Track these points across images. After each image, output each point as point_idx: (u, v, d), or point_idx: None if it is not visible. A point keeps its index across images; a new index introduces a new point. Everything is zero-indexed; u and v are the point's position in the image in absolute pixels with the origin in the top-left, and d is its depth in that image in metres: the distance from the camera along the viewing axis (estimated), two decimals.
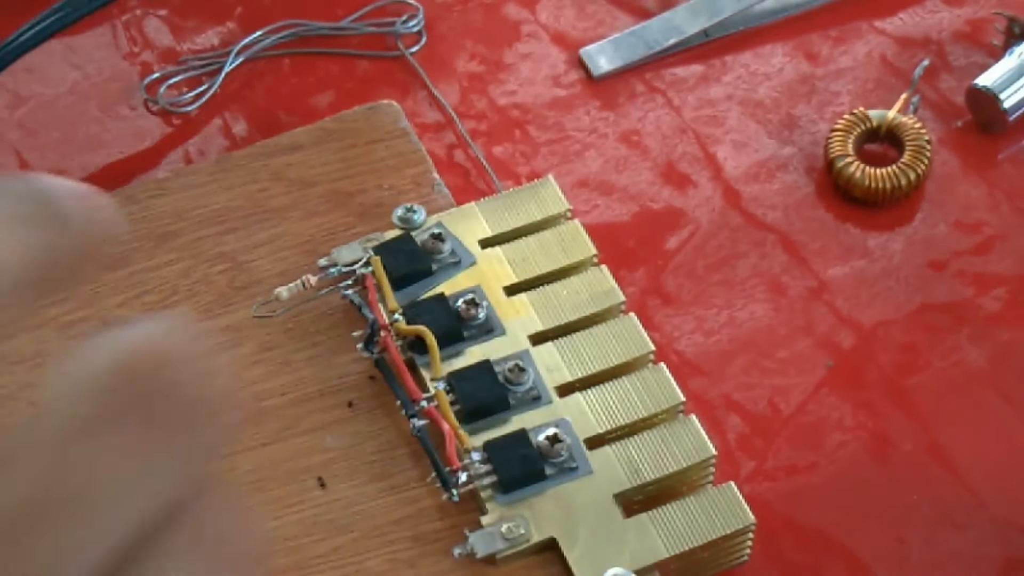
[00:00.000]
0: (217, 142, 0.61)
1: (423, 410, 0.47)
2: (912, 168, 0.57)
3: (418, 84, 0.62)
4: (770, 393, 0.52)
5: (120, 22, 0.64)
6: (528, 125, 0.60)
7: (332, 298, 0.51)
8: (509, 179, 0.58)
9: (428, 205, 0.53)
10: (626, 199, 0.58)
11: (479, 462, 0.46)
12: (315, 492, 0.47)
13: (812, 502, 0.49)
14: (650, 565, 0.44)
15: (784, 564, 0.48)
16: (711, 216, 0.57)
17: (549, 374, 0.48)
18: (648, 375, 0.48)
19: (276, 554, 0.46)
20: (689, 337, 0.54)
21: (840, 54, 0.62)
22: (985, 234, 0.56)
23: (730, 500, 0.46)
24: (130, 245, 0.53)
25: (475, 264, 0.51)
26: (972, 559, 0.48)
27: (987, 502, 0.49)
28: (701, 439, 0.47)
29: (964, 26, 0.62)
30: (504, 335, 0.49)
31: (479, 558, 0.45)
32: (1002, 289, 0.54)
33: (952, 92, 0.60)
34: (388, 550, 0.46)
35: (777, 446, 0.51)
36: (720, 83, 0.61)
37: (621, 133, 0.60)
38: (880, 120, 0.58)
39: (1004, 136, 0.59)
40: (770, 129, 0.60)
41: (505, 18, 0.64)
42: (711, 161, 0.59)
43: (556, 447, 0.46)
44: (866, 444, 0.51)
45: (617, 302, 0.50)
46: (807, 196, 0.58)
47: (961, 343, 0.53)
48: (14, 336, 0.51)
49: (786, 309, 0.54)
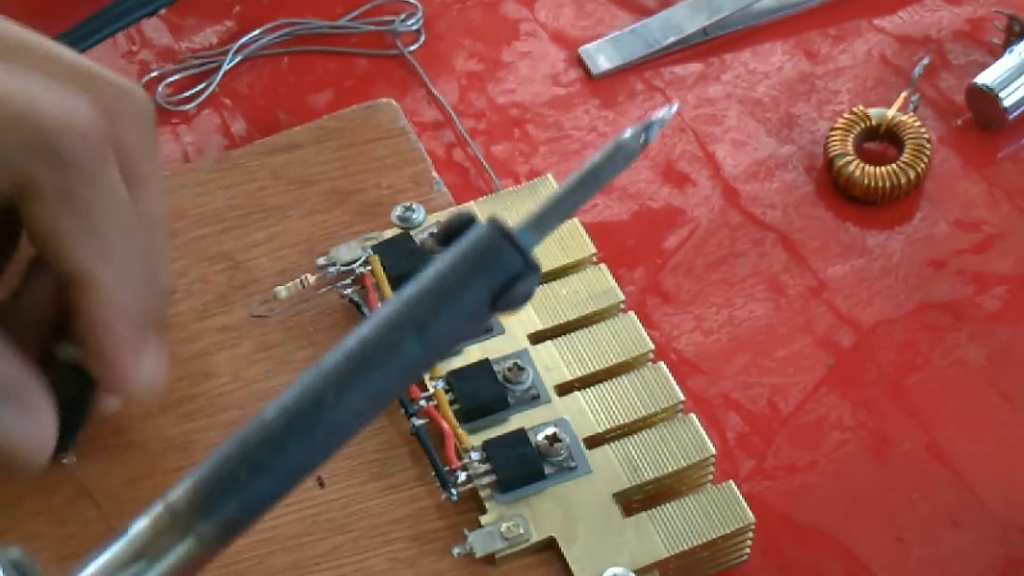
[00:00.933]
0: (215, 141, 0.61)
1: (422, 409, 0.47)
2: (912, 167, 0.57)
3: (417, 83, 0.62)
4: (769, 392, 0.52)
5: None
6: (527, 124, 0.60)
7: (331, 297, 0.51)
8: (508, 178, 0.58)
9: (427, 204, 0.53)
10: (625, 198, 0.58)
11: (478, 461, 0.46)
12: (314, 491, 0.47)
13: (811, 501, 0.49)
14: (649, 564, 0.44)
15: (783, 563, 0.48)
16: (710, 215, 0.57)
17: (548, 373, 0.48)
18: (647, 374, 0.48)
19: (275, 554, 0.46)
20: (688, 336, 0.54)
21: (840, 52, 0.62)
22: (985, 233, 0.56)
23: (729, 499, 0.45)
24: None
25: None
26: (971, 558, 0.48)
27: (986, 501, 0.49)
28: (700, 438, 0.47)
29: (964, 24, 0.62)
30: (503, 334, 0.49)
31: (478, 557, 0.45)
32: (1002, 288, 0.54)
33: (952, 91, 0.60)
34: (387, 549, 0.46)
35: (776, 445, 0.51)
36: (719, 82, 0.61)
37: (620, 132, 0.60)
38: (880, 119, 0.58)
39: (1004, 135, 0.59)
40: (769, 128, 0.60)
41: (504, 17, 0.64)
42: (710, 160, 0.59)
43: (555, 446, 0.46)
44: (866, 443, 0.51)
45: (616, 301, 0.50)
46: (806, 195, 0.58)
47: (961, 342, 0.53)
48: None
49: (785, 308, 0.54)
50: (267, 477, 0.31)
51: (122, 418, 0.48)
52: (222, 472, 0.32)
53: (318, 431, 0.32)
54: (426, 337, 0.32)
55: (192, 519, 0.32)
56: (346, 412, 0.32)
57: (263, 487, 0.32)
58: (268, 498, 0.32)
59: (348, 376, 0.32)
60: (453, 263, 0.33)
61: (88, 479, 0.47)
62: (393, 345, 0.32)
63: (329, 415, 0.32)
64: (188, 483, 0.32)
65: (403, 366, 0.33)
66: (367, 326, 0.33)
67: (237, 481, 0.32)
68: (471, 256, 0.33)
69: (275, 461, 0.31)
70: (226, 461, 0.32)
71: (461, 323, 0.33)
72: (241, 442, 0.32)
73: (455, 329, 0.33)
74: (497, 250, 0.33)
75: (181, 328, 0.51)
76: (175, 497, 0.32)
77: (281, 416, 0.32)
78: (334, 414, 0.32)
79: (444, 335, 0.33)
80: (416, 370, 0.33)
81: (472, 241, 0.33)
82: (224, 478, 0.32)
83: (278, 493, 0.32)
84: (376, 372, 0.32)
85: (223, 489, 0.32)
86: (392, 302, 0.33)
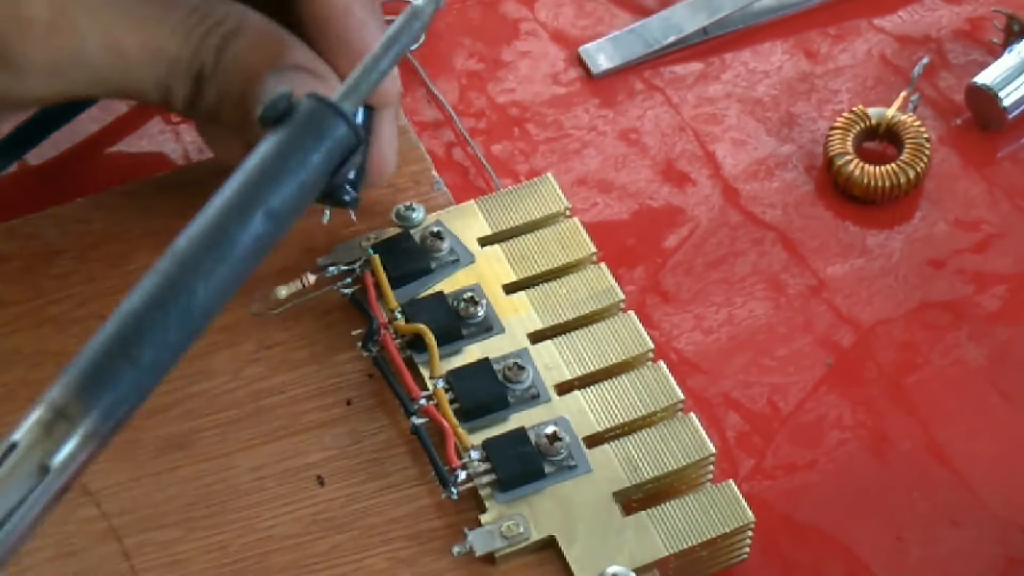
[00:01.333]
0: None
1: (422, 408, 0.47)
2: (911, 166, 0.57)
3: (417, 82, 0.62)
4: (769, 391, 0.52)
5: None
6: (527, 123, 0.60)
7: (331, 296, 0.51)
8: (508, 177, 0.58)
9: (427, 203, 0.53)
10: (625, 197, 0.58)
11: (478, 460, 0.46)
12: (314, 490, 0.47)
13: (811, 500, 0.49)
14: (649, 563, 0.44)
15: (783, 562, 0.48)
16: (710, 214, 0.57)
17: (548, 372, 0.48)
18: (647, 373, 0.48)
19: (274, 553, 0.46)
20: (688, 335, 0.54)
21: (839, 52, 0.62)
22: (984, 232, 0.56)
23: (729, 498, 0.46)
24: (130, 244, 0.53)
25: (474, 262, 0.51)
26: (971, 557, 0.48)
27: (986, 500, 0.49)
28: (700, 437, 0.47)
29: (963, 24, 0.62)
30: (503, 333, 0.49)
31: (478, 556, 0.45)
32: (1002, 287, 0.54)
33: (951, 90, 0.60)
34: (387, 548, 0.46)
35: (776, 444, 0.51)
36: (719, 81, 0.61)
37: (620, 131, 0.60)
38: (879, 118, 0.58)
39: (1003, 134, 0.59)
40: (769, 127, 0.60)
41: (504, 16, 0.64)
42: (710, 159, 0.59)
43: (555, 445, 0.46)
44: (865, 442, 0.51)
45: (616, 300, 0.50)
46: (806, 194, 0.58)
47: (960, 341, 0.53)
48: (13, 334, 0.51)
49: (785, 307, 0.54)
50: (136, 365, 0.33)
51: None
52: (93, 366, 0.33)
53: (175, 316, 0.33)
54: (273, 214, 0.35)
55: (76, 413, 0.33)
56: (207, 295, 0.34)
57: (134, 376, 0.33)
58: (141, 386, 0.33)
59: (205, 260, 0.34)
60: (290, 139, 0.35)
61: (88, 479, 0.47)
62: (244, 225, 0.35)
63: (188, 300, 0.34)
64: (64, 380, 0.33)
65: (255, 245, 0.35)
66: (214, 208, 0.35)
67: (110, 371, 0.33)
68: (305, 130, 0.36)
69: (142, 348, 0.33)
70: (96, 354, 0.33)
71: (304, 195, 0.36)
72: (107, 334, 0.33)
73: (300, 203, 0.36)
74: (327, 120, 0.36)
75: None
76: (55, 395, 0.33)
77: (143, 303, 0.34)
78: (194, 299, 0.34)
79: (289, 210, 0.36)
80: (266, 247, 0.35)
81: (303, 116, 0.36)
82: (97, 371, 0.33)
83: (149, 381, 0.33)
84: (229, 253, 0.34)
85: (97, 382, 0.33)
86: (237, 181, 0.35)
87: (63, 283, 0.52)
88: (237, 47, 0.47)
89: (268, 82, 0.46)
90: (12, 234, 0.53)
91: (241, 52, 0.47)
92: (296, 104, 0.37)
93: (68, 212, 0.54)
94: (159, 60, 0.47)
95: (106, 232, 0.53)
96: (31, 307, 0.51)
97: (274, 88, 0.39)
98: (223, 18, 0.47)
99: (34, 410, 0.33)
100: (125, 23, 0.47)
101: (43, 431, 0.33)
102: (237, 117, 0.47)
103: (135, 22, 0.47)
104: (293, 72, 0.47)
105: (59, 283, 0.52)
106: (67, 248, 0.53)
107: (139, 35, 0.47)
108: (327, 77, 0.47)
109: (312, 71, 0.47)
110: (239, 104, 0.47)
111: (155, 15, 0.47)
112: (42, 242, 0.53)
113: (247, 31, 0.47)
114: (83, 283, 0.52)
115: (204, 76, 0.47)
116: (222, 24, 0.47)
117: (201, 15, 0.47)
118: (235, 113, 0.47)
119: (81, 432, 0.33)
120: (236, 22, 0.47)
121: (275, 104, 0.37)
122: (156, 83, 0.47)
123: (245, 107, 0.46)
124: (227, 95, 0.47)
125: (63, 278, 0.52)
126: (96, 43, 0.46)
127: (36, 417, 0.33)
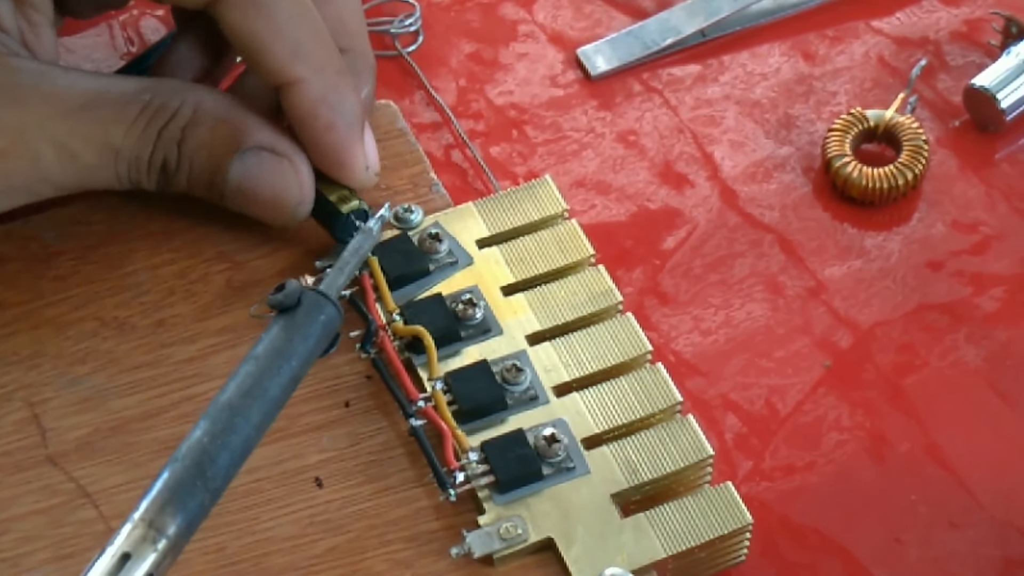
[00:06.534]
0: None
1: (420, 410, 0.47)
2: (909, 168, 0.57)
3: (415, 84, 0.62)
4: (767, 393, 0.52)
5: (117, 22, 0.64)
6: (525, 125, 0.60)
7: None
8: (506, 179, 0.58)
9: (425, 205, 0.53)
10: (623, 199, 0.58)
11: (476, 462, 0.46)
12: (312, 492, 0.47)
13: (809, 502, 0.49)
14: (647, 565, 0.44)
15: (781, 564, 0.48)
16: (708, 216, 0.57)
17: (546, 374, 0.48)
18: (645, 375, 0.48)
19: (272, 554, 0.46)
20: (686, 337, 0.54)
21: (837, 54, 0.62)
22: (983, 234, 0.56)
23: (727, 500, 0.46)
24: (128, 245, 0.53)
25: (472, 264, 0.51)
26: (970, 559, 0.48)
27: (985, 502, 0.49)
28: (698, 439, 0.47)
29: (961, 26, 0.62)
30: (501, 335, 0.49)
31: (476, 558, 0.45)
32: (1000, 289, 0.54)
33: (949, 92, 0.60)
34: (385, 550, 0.46)
35: (774, 446, 0.51)
36: (717, 83, 0.61)
37: (618, 133, 0.60)
38: (877, 120, 0.58)
39: (1001, 136, 0.59)
40: (767, 129, 0.60)
41: (502, 18, 0.64)
42: (708, 161, 0.59)
43: (553, 447, 0.46)
44: (864, 444, 0.51)
45: (614, 302, 0.50)
46: (804, 196, 0.58)
47: (959, 343, 0.53)
48: (12, 335, 0.51)
49: (783, 309, 0.54)
50: (199, 493, 0.41)
51: (121, 419, 0.48)
52: (173, 489, 0.40)
53: (224, 457, 0.41)
54: (292, 370, 0.43)
55: (159, 525, 0.39)
56: (256, 431, 0.42)
57: (201, 499, 0.40)
58: (205, 508, 0.41)
59: (252, 405, 0.42)
60: (299, 329, 0.44)
61: (87, 479, 0.47)
62: (263, 392, 0.42)
63: (242, 433, 0.42)
64: (149, 499, 0.40)
65: (282, 396, 0.43)
66: (238, 384, 0.42)
67: (188, 492, 0.40)
68: (310, 320, 0.44)
69: (205, 482, 0.41)
70: (173, 483, 0.40)
71: (305, 368, 0.44)
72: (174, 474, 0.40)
73: (302, 372, 0.44)
74: (325, 310, 0.44)
75: (180, 329, 0.51)
76: (143, 509, 0.39)
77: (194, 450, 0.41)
78: (242, 435, 0.42)
79: (297, 379, 0.43)
80: (277, 407, 0.43)
81: (308, 308, 0.44)
82: (176, 494, 0.40)
83: (210, 505, 0.41)
84: (254, 411, 0.42)
85: (176, 502, 0.40)
86: (262, 350, 0.43)
87: (62, 285, 0.52)
88: (197, 139, 0.49)
89: (234, 166, 0.49)
90: (11, 236, 0.53)
91: (202, 143, 0.49)
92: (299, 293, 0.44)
93: (67, 214, 0.54)
94: (120, 160, 0.49)
95: (105, 234, 0.53)
96: (29, 309, 0.51)
97: (240, 172, 0.49)
98: (177, 109, 0.49)
99: (124, 524, 0.39)
100: (78, 132, 0.48)
101: (131, 541, 0.39)
102: (210, 195, 0.51)
103: (88, 128, 0.48)
104: (256, 154, 0.49)
105: (57, 285, 0.52)
106: (65, 250, 0.53)
107: (94, 142, 0.48)
108: (289, 155, 0.50)
109: (273, 150, 0.50)
110: (210, 186, 0.50)
111: (107, 117, 0.48)
112: (40, 244, 0.53)
113: (204, 118, 0.49)
114: (81, 285, 0.52)
115: (169, 168, 0.49)
116: (177, 116, 0.49)
117: (154, 110, 0.49)
118: (207, 192, 0.51)
119: (163, 541, 0.39)
120: (191, 111, 0.49)
121: (284, 299, 0.44)
122: (120, 178, 0.50)
123: (216, 187, 0.50)
124: (196, 180, 0.50)
125: (61, 280, 0.52)
126: (52, 158, 0.48)
127: (127, 529, 0.39)
